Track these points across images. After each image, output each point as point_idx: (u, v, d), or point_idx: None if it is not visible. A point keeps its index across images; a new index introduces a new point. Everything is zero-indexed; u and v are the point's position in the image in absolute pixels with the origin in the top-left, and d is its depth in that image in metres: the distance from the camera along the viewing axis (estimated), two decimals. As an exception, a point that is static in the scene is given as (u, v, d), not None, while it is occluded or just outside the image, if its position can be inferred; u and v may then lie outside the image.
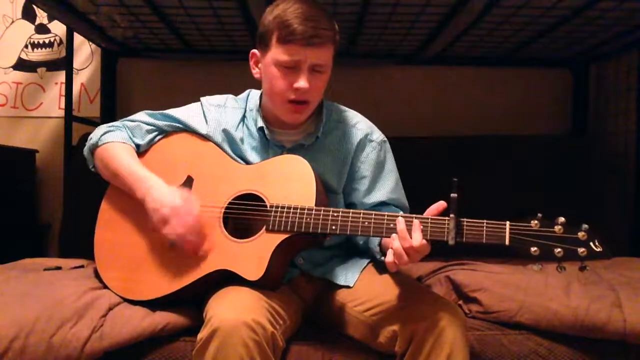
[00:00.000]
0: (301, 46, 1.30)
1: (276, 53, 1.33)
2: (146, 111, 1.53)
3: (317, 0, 1.39)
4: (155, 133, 1.50)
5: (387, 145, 1.52)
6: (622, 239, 2.07)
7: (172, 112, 1.51)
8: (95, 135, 1.48)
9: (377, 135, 1.50)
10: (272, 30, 1.32)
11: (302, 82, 1.32)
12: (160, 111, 1.52)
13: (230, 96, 1.54)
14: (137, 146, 1.48)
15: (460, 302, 1.55)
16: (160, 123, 1.50)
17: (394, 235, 1.20)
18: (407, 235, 1.17)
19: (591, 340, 1.39)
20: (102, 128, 1.49)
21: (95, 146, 1.47)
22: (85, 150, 1.51)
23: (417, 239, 1.16)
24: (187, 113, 1.51)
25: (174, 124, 1.50)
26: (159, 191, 1.34)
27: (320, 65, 1.34)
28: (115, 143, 1.45)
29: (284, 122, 1.43)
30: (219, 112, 1.49)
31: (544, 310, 1.41)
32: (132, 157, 1.43)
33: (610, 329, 1.37)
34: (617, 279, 1.55)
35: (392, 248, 1.19)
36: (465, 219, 1.17)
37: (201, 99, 1.53)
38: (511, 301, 1.46)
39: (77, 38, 2.38)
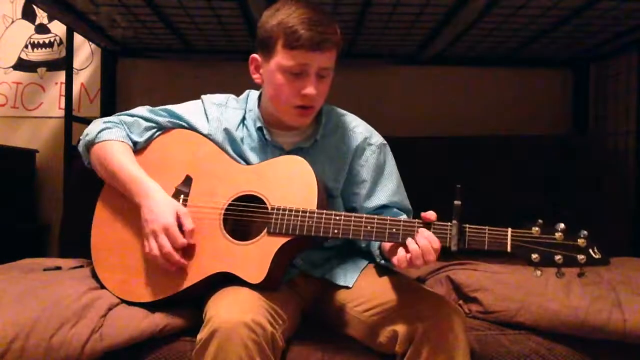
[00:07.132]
0: (308, 51, 1.28)
1: (282, 59, 1.31)
2: (146, 106, 1.51)
3: (318, 4, 1.38)
4: (155, 130, 1.48)
5: (387, 148, 1.51)
6: (622, 239, 2.06)
7: (173, 108, 1.50)
8: (92, 131, 1.45)
9: (376, 138, 1.50)
10: (277, 36, 1.30)
11: (310, 89, 1.31)
12: (161, 107, 1.51)
13: (232, 96, 1.53)
14: (135, 143, 1.46)
15: (460, 302, 1.55)
16: (161, 119, 1.48)
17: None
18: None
19: (591, 340, 1.39)
20: (99, 124, 1.46)
21: (91, 143, 1.45)
22: (81, 145, 1.48)
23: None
24: (189, 110, 1.49)
25: (175, 120, 1.49)
26: (156, 202, 1.33)
27: (327, 69, 1.33)
28: (113, 142, 1.43)
29: (282, 124, 1.42)
30: (220, 111, 1.48)
31: (544, 310, 1.42)
32: (130, 158, 1.42)
33: (610, 329, 1.37)
34: (617, 279, 1.55)
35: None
36: (467, 225, 1.17)
37: (202, 97, 1.52)
38: (511, 301, 1.46)
39: (77, 38, 2.38)
